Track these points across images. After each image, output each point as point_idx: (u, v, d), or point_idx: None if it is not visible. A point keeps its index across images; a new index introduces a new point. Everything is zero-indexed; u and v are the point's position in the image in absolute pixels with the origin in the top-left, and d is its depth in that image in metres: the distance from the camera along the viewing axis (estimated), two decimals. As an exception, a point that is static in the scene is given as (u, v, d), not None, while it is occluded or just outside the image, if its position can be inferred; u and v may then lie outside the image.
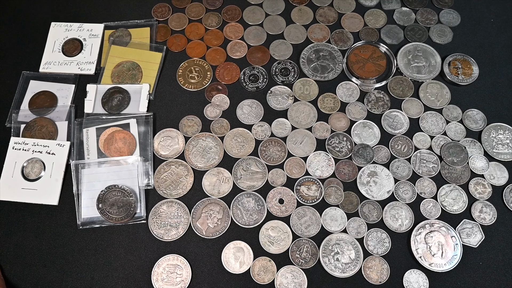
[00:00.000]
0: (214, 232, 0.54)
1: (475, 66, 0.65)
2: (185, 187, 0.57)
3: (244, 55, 0.66)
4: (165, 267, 0.52)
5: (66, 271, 0.53)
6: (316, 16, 0.70)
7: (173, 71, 0.65)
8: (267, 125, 0.61)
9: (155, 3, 0.71)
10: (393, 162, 0.58)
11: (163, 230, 0.54)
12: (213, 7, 0.71)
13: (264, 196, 0.56)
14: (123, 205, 0.54)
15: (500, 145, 0.59)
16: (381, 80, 0.64)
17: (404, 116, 0.62)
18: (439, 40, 0.68)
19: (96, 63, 0.65)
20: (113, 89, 0.62)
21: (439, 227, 0.54)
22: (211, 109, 0.62)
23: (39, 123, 0.60)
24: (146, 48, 0.66)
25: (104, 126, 0.60)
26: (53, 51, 0.66)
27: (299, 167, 0.58)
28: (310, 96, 0.63)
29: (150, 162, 0.58)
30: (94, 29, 0.68)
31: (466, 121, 0.61)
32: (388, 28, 0.69)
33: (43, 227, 0.55)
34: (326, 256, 0.53)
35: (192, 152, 0.59)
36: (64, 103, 0.62)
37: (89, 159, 0.58)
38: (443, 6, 0.71)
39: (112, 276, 0.52)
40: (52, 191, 0.56)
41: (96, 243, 0.54)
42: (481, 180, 0.57)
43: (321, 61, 0.66)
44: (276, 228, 0.54)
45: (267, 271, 0.52)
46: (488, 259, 0.53)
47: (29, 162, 0.58)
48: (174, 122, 0.61)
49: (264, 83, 0.64)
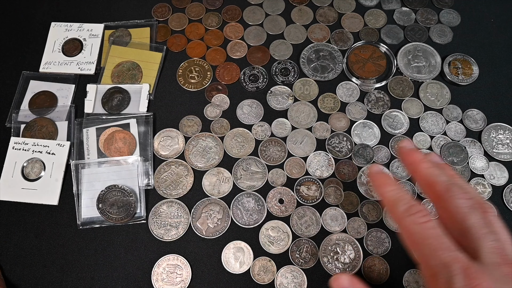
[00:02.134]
0: (214, 232, 0.54)
1: (475, 66, 0.65)
2: (185, 187, 0.57)
3: (244, 55, 0.66)
4: (165, 267, 0.52)
5: (66, 271, 0.53)
6: (316, 16, 0.70)
7: (173, 71, 0.65)
8: (267, 125, 0.61)
9: (155, 3, 0.71)
10: (393, 162, 0.58)
11: (163, 230, 0.54)
12: (213, 7, 0.71)
13: (264, 196, 0.56)
14: (123, 205, 0.54)
15: (500, 145, 0.59)
16: (381, 80, 0.64)
17: (404, 116, 0.62)
18: (439, 40, 0.68)
19: (96, 63, 0.65)
20: (113, 89, 0.62)
21: (439, 227, 0.54)
22: (211, 109, 0.62)
23: (39, 123, 0.60)
24: (146, 48, 0.66)
25: (104, 126, 0.60)
26: (53, 51, 0.66)
27: (299, 167, 0.58)
28: (310, 96, 0.63)
29: (150, 162, 0.58)
30: (94, 29, 0.68)
31: (466, 121, 0.61)
32: (388, 28, 0.69)
33: (43, 227, 0.55)
34: (326, 256, 0.53)
35: (192, 152, 0.59)
36: (64, 103, 0.62)
37: (89, 159, 0.58)
38: (443, 6, 0.71)
39: (112, 276, 0.52)
40: (52, 191, 0.56)
41: (96, 243, 0.54)
42: (481, 180, 0.57)
43: (321, 61, 0.66)
44: (276, 228, 0.54)
45: (267, 271, 0.52)
46: (488, 259, 0.53)
47: (29, 162, 0.58)
48: (174, 122, 0.61)
49: (264, 83, 0.64)
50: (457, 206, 0.33)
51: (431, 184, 0.36)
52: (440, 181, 0.35)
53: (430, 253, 0.31)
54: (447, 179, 0.35)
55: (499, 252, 0.31)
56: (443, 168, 0.37)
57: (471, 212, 0.33)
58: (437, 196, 0.35)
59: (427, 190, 0.36)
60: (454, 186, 0.34)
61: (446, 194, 0.34)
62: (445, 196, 0.34)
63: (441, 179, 0.35)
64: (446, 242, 0.32)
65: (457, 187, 0.34)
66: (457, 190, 0.34)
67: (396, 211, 0.35)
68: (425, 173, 0.36)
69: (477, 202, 0.34)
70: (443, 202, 0.34)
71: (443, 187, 0.34)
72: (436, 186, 0.35)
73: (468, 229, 0.32)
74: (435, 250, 0.31)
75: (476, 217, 0.33)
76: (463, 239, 0.33)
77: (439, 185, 0.35)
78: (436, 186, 0.35)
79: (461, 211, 0.33)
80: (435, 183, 0.35)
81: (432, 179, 0.35)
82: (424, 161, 0.37)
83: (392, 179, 0.37)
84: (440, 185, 0.35)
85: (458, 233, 0.33)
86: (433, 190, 0.35)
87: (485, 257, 0.31)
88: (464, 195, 0.34)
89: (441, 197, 0.34)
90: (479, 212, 0.33)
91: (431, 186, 0.35)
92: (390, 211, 0.35)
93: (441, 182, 0.35)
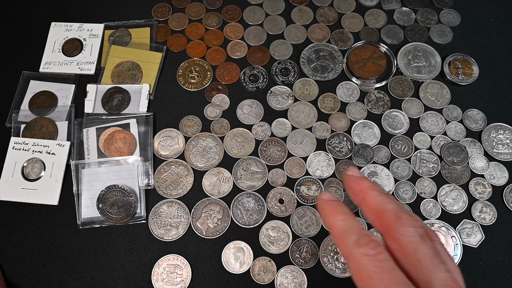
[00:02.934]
0: (214, 232, 0.54)
1: (475, 66, 0.65)
2: (185, 187, 0.57)
3: (244, 55, 0.66)
4: (165, 267, 0.52)
5: (66, 271, 0.53)
6: (316, 16, 0.70)
7: (173, 71, 0.65)
8: (267, 125, 0.61)
9: (155, 3, 0.71)
10: (393, 162, 0.58)
11: (163, 230, 0.54)
12: (213, 7, 0.71)
13: (264, 196, 0.56)
14: (123, 205, 0.54)
15: (500, 145, 0.59)
16: (381, 80, 0.64)
17: (404, 116, 0.62)
18: (439, 40, 0.68)
19: (96, 63, 0.65)
20: (113, 89, 0.62)
21: (439, 227, 0.54)
22: (211, 109, 0.62)
23: (39, 123, 0.60)
24: (146, 48, 0.66)
25: (104, 126, 0.60)
26: (53, 51, 0.66)
27: (299, 167, 0.58)
28: (310, 96, 0.63)
29: (150, 162, 0.58)
30: (94, 29, 0.68)
31: (466, 121, 0.61)
32: (388, 28, 0.69)
33: (43, 227, 0.55)
34: (326, 256, 0.53)
35: (192, 152, 0.59)
36: (64, 103, 0.62)
37: (89, 159, 0.58)
38: (443, 6, 0.71)
39: (112, 276, 0.52)
40: (52, 191, 0.56)
41: (96, 243, 0.54)
42: (481, 180, 0.57)
43: (321, 61, 0.66)
44: (276, 228, 0.54)
45: (267, 271, 0.52)
46: (488, 259, 0.53)
47: (29, 162, 0.58)
48: (174, 122, 0.61)
49: (264, 83, 0.64)
50: (408, 235, 0.31)
51: (380, 212, 0.33)
52: (390, 209, 0.33)
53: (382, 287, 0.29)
54: (397, 207, 0.33)
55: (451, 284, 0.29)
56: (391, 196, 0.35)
57: (422, 242, 0.31)
58: (386, 226, 0.32)
59: (375, 220, 0.34)
60: (404, 214, 0.32)
61: (396, 222, 0.32)
62: (395, 225, 0.32)
63: (390, 207, 0.33)
64: (399, 276, 0.29)
65: (407, 214, 0.32)
66: (408, 218, 0.32)
67: (345, 243, 0.32)
68: (374, 201, 0.34)
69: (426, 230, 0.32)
70: (392, 231, 0.32)
71: (392, 215, 0.32)
72: (385, 215, 0.33)
73: (420, 260, 0.30)
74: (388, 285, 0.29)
75: (427, 247, 0.31)
76: (415, 270, 0.31)
77: (389, 213, 0.32)
78: (385, 214, 0.33)
79: (413, 240, 0.31)
80: (384, 212, 0.33)
81: (381, 207, 0.33)
82: (373, 189, 0.34)
83: (344, 207, 0.34)
84: (389, 213, 0.32)
85: (410, 265, 0.31)
86: (382, 219, 0.33)
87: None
88: (415, 223, 0.32)
89: (391, 227, 0.32)
90: (428, 241, 0.31)
91: (380, 215, 0.33)
92: (338, 244, 0.32)
93: (391, 210, 0.32)
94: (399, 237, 0.31)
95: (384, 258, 0.30)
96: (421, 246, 0.31)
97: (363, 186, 0.35)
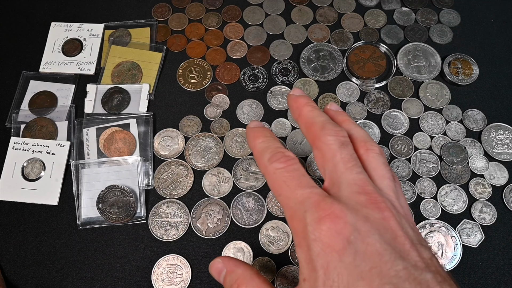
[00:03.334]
0: (214, 232, 0.54)
1: (475, 66, 0.65)
2: (185, 187, 0.57)
3: (244, 55, 0.66)
4: (165, 267, 0.52)
5: (66, 271, 0.53)
6: (316, 16, 0.70)
7: (173, 71, 0.65)
8: (267, 125, 0.61)
9: (155, 3, 0.71)
10: (393, 162, 0.58)
11: (163, 230, 0.54)
12: (213, 7, 0.71)
13: (264, 196, 0.56)
14: (123, 205, 0.54)
15: (500, 145, 0.59)
16: (381, 80, 0.64)
17: (404, 116, 0.62)
18: (439, 40, 0.68)
19: (96, 63, 0.65)
20: (113, 89, 0.62)
21: (439, 227, 0.54)
22: (211, 109, 0.62)
23: (39, 123, 0.60)
24: (146, 48, 0.66)
25: (104, 126, 0.60)
26: (53, 51, 0.66)
27: (299, 167, 0.58)
28: (310, 96, 0.63)
29: (150, 162, 0.58)
30: (94, 29, 0.68)
31: (466, 121, 0.61)
32: (388, 28, 0.69)
33: (43, 227, 0.55)
34: (326, 256, 0.53)
35: (192, 152, 0.59)
36: (64, 103, 0.62)
37: (89, 159, 0.58)
38: (443, 6, 0.71)
39: (112, 276, 0.52)
40: (52, 191, 0.56)
41: (96, 243, 0.54)
42: (481, 180, 0.57)
43: (321, 61, 0.66)
44: (276, 228, 0.54)
45: (267, 271, 0.52)
46: (488, 259, 0.53)
47: (29, 162, 0.58)
48: (174, 122, 0.61)
49: (264, 83, 0.64)
50: (328, 143, 0.33)
51: (310, 124, 0.35)
52: (318, 121, 0.35)
53: (289, 194, 0.31)
54: (325, 119, 0.35)
55: (360, 183, 0.30)
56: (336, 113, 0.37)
57: (340, 148, 0.32)
58: (313, 136, 0.34)
59: (306, 132, 0.36)
60: (329, 124, 0.34)
61: (321, 132, 0.34)
62: (320, 134, 0.34)
63: (319, 119, 0.35)
64: (305, 180, 0.31)
65: (332, 125, 0.34)
66: (331, 128, 0.34)
67: (262, 161, 0.34)
68: (307, 115, 0.36)
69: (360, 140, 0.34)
70: (317, 141, 0.34)
71: (318, 126, 0.34)
72: (313, 126, 0.35)
73: (335, 165, 0.32)
74: (294, 190, 0.31)
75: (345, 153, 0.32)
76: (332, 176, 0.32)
77: (316, 125, 0.34)
78: (313, 126, 0.35)
79: (332, 148, 0.32)
80: (313, 123, 0.35)
81: (311, 120, 0.35)
82: (308, 105, 0.36)
83: (267, 131, 0.36)
84: (316, 125, 0.34)
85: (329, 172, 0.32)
86: (311, 130, 0.35)
87: (344, 189, 0.31)
88: (337, 133, 0.33)
89: (316, 137, 0.34)
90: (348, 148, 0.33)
91: (310, 127, 0.35)
92: (258, 163, 0.34)
93: (318, 122, 0.34)
94: (321, 145, 0.33)
95: (293, 169, 0.32)
96: (338, 153, 0.32)
97: (299, 103, 0.37)
